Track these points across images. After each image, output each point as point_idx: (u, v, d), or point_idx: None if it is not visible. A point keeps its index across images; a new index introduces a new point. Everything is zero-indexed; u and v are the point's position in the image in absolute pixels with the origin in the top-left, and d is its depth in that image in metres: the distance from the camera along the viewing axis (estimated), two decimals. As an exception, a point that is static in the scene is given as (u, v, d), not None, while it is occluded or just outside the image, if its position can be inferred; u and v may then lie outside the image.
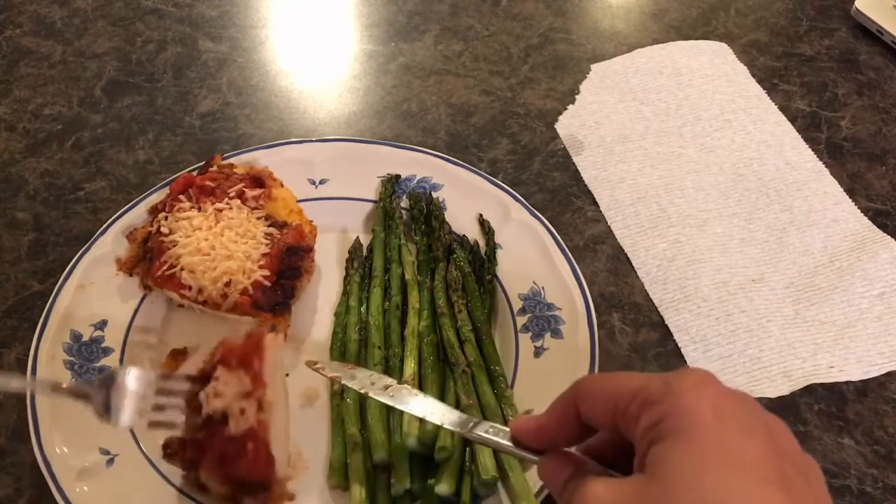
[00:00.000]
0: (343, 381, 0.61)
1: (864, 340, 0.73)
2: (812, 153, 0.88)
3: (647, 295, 0.76)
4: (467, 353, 0.67)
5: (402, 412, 0.63)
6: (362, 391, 0.59)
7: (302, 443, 0.66)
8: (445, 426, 0.55)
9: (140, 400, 0.58)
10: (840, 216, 0.82)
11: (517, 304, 0.73)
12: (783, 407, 0.69)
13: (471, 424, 0.53)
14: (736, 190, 0.85)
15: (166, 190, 0.77)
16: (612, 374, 0.45)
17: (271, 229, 0.73)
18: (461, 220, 0.79)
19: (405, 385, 0.60)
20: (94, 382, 0.58)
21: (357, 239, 0.78)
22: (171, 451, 0.63)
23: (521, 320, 0.72)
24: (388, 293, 0.73)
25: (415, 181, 0.81)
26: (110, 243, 0.74)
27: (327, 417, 0.67)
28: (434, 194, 0.80)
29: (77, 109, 0.93)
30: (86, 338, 0.70)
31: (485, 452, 0.60)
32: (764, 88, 0.95)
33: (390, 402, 0.58)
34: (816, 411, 0.69)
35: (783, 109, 0.93)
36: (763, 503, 0.37)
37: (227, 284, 0.69)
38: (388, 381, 0.60)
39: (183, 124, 0.91)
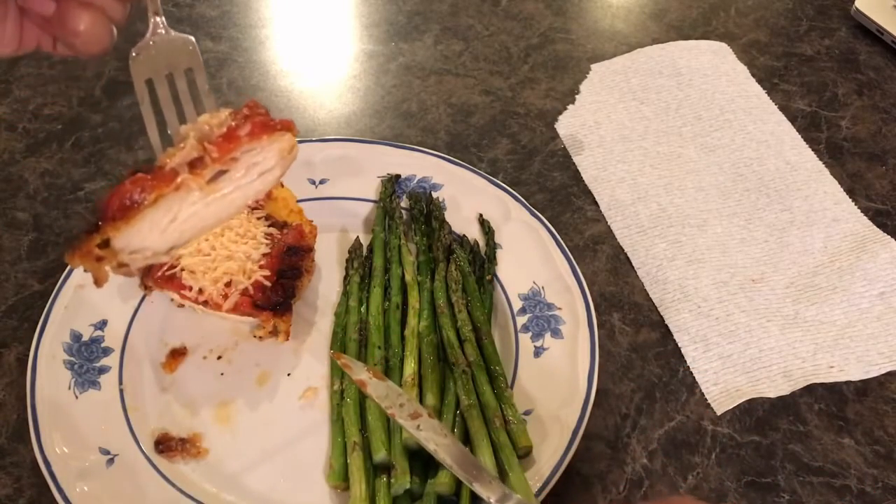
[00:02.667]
0: (369, 391, 0.61)
1: (864, 340, 0.73)
2: (812, 153, 0.88)
3: (647, 295, 0.76)
4: (467, 353, 0.67)
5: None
6: (388, 410, 0.60)
7: (302, 443, 0.66)
8: (466, 484, 0.56)
9: None
10: (840, 216, 0.82)
11: (517, 304, 0.73)
12: (783, 407, 0.69)
13: (493, 499, 0.55)
14: (736, 190, 0.85)
15: (166, 190, 0.77)
16: None
17: (271, 229, 0.73)
18: (461, 220, 0.79)
19: (435, 420, 0.60)
20: None
21: (357, 239, 0.78)
22: (164, 446, 0.64)
23: (521, 320, 0.72)
24: (388, 293, 0.73)
25: (415, 181, 0.81)
26: (110, 243, 0.74)
27: (327, 417, 0.67)
28: (434, 194, 0.80)
29: (77, 109, 0.93)
30: (86, 338, 0.70)
31: (485, 452, 0.60)
32: (764, 88, 0.95)
33: (415, 435, 0.59)
34: (816, 411, 0.69)
35: (783, 109, 0.93)
36: None
37: (228, 285, 0.69)
38: (418, 407, 0.60)
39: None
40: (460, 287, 0.72)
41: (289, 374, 0.70)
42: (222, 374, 0.70)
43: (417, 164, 0.82)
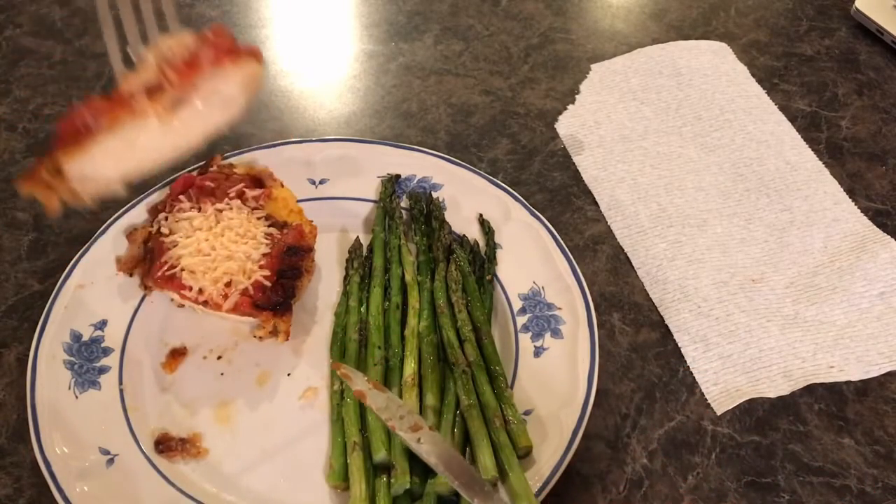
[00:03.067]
0: (369, 403, 0.61)
1: (864, 340, 0.73)
2: (812, 153, 0.88)
3: (647, 295, 0.76)
4: (467, 353, 0.67)
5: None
6: (388, 423, 0.60)
7: (302, 443, 0.66)
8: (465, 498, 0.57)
9: None
10: (840, 216, 0.82)
11: (517, 304, 0.73)
12: (783, 407, 0.69)
13: None
14: (736, 190, 0.85)
15: (166, 190, 0.77)
16: None
17: (271, 229, 0.73)
18: (461, 220, 0.79)
19: (437, 434, 0.60)
20: None
21: (357, 239, 0.78)
22: (164, 446, 0.64)
23: (521, 320, 0.72)
24: (388, 293, 0.73)
25: (415, 181, 0.81)
26: (110, 243, 0.74)
27: (327, 417, 0.67)
28: (434, 194, 0.80)
29: (77, 109, 0.93)
30: (86, 338, 0.70)
31: (485, 452, 0.60)
32: (764, 88, 0.95)
33: (415, 449, 0.59)
34: (816, 411, 0.69)
35: (783, 109, 0.93)
36: None
37: (228, 285, 0.69)
38: (418, 419, 0.60)
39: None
40: (460, 287, 0.72)
41: (289, 374, 0.70)
42: (222, 374, 0.70)
43: (417, 164, 0.82)
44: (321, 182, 0.81)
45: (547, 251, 0.75)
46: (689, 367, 0.71)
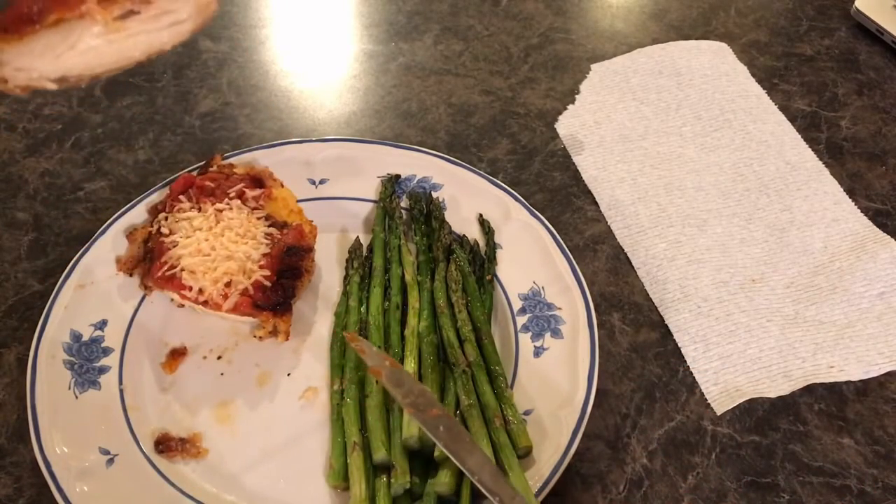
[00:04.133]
0: (385, 382, 0.61)
1: (864, 340, 0.73)
2: (812, 153, 0.88)
3: (647, 295, 0.76)
4: (467, 353, 0.67)
5: (401, 412, 0.63)
6: (409, 411, 0.59)
7: (302, 443, 0.66)
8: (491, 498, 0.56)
9: None
10: (840, 216, 0.82)
11: (517, 304, 0.73)
12: (783, 407, 0.69)
13: None
14: (736, 190, 0.85)
15: (166, 190, 0.77)
16: None
17: (271, 229, 0.73)
18: (461, 220, 0.79)
19: (459, 425, 0.59)
20: None
21: (357, 239, 0.78)
22: (164, 446, 0.64)
23: (521, 320, 0.72)
24: (388, 293, 0.73)
25: (415, 181, 0.81)
26: (110, 243, 0.74)
27: (327, 417, 0.67)
28: (434, 194, 0.80)
29: (77, 109, 0.93)
30: (86, 338, 0.70)
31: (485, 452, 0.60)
32: (764, 88, 0.95)
33: (440, 444, 0.58)
34: (816, 411, 0.69)
35: (783, 109, 0.93)
36: None
37: (228, 285, 0.69)
38: (439, 408, 0.59)
39: (183, 124, 0.91)
40: (460, 287, 0.72)
41: (289, 374, 0.70)
42: (222, 374, 0.70)
43: (417, 164, 0.82)
44: (321, 182, 0.81)
45: (547, 251, 0.75)
46: (689, 367, 0.71)
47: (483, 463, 0.57)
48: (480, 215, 0.79)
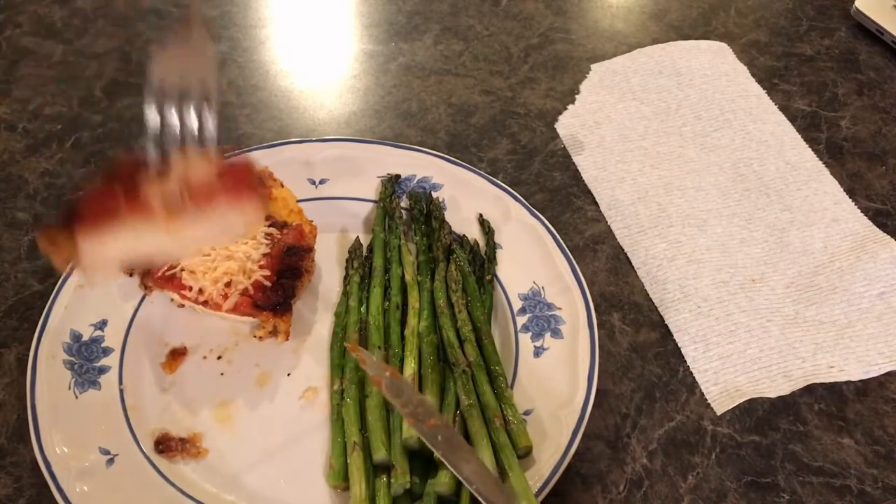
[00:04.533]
0: (384, 392, 0.61)
1: (864, 340, 0.73)
2: (812, 153, 0.88)
3: (647, 295, 0.76)
4: (467, 353, 0.67)
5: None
6: (408, 421, 0.60)
7: (302, 443, 0.66)
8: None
9: None
10: (840, 216, 0.82)
11: (517, 304, 0.73)
12: (783, 407, 0.69)
13: None
14: (736, 190, 0.85)
15: (166, 190, 0.77)
16: None
17: (271, 229, 0.73)
18: (461, 220, 0.79)
19: (457, 435, 0.60)
20: None
21: (357, 239, 0.78)
22: (164, 446, 0.64)
23: (521, 320, 0.72)
24: (388, 293, 0.73)
25: (415, 181, 0.81)
26: (110, 243, 0.74)
27: (327, 417, 0.67)
28: (434, 194, 0.80)
29: (77, 109, 0.93)
30: (86, 338, 0.70)
31: (485, 452, 0.60)
32: (764, 88, 0.95)
33: (438, 452, 0.58)
34: (816, 411, 0.69)
35: (783, 109, 0.93)
36: None
37: (228, 285, 0.69)
38: (437, 417, 0.60)
39: (183, 124, 0.91)
40: (460, 287, 0.72)
41: (289, 374, 0.70)
42: (222, 374, 0.70)
43: (417, 164, 0.82)
44: (321, 182, 0.81)
45: (547, 251, 0.75)
46: (689, 367, 0.71)
47: (480, 472, 0.57)
48: (480, 215, 0.79)
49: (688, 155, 0.88)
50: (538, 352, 0.69)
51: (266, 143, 0.84)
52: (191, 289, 0.69)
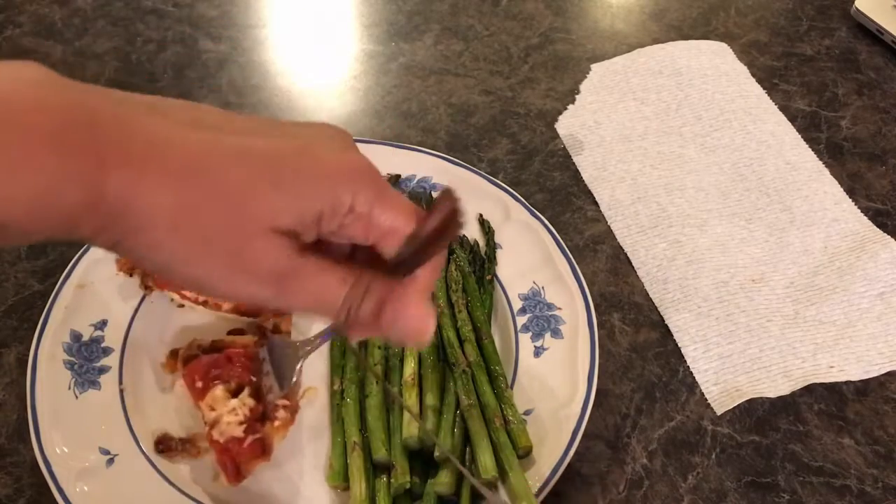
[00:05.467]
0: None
1: (865, 340, 0.73)
2: (812, 153, 0.88)
3: (647, 295, 0.76)
4: (467, 353, 0.67)
5: (401, 412, 0.63)
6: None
7: (302, 443, 0.66)
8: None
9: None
10: (840, 216, 0.82)
11: (517, 304, 0.73)
12: (783, 406, 0.69)
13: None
14: (736, 190, 0.85)
15: (166, 190, 0.77)
16: None
17: (271, 229, 0.72)
18: (461, 220, 0.79)
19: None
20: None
21: (357, 239, 0.78)
22: (164, 446, 0.64)
23: (521, 320, 0.72)
24: (388, 293, 0.73)
25: (415, 181, 0.81)
26: (110, 243, 0.74)
27: (327, 417, 0.67)
28: (434, 194, 0.80)
29: (77, 109, 0.92)
30: (86, 338, 0.70)
31: (485, 452, 0.60)
32: (764, 88, 0.95)
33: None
34: (816, 411, 0.69)
35: (783, 109, 0.93)
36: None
37: (228, 284, 0.69)
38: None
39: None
40: (460, 287, 0.72)
41: (289, 374, 0.70)
42: (222, 374, 0.70)
43: (417, 164, 0.82)
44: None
45: (547, 251, 0.75)
46: (689, 367, 0.71)
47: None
48: (480, 215, 0.79)
49: (688, 155, 0.88)
50: (538, 352, 0.69)
51: (266, 143, 0.84)
52: (191, 289, 0.69)
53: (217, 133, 0.38)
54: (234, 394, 0.62)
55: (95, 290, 0.72)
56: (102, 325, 0.71)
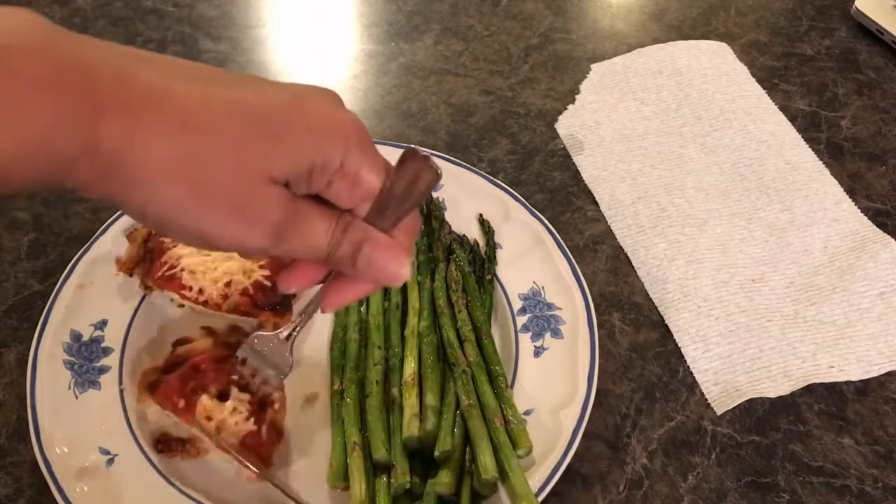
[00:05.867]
0: None
1: (865, 340, 0.73)
2: (812, 153, 0.88)
3: (647, 295, 0.76)
4: (467, 353, 0.67)
5: (401, 412, 0.63)
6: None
7: (302, 443, 0.66)
8: None
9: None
10: (840, 216, 0.82)
11: (517, 304, 0.73)
12: (783, 406, 0.69)
13: None
14: (736, 190, 0.85)
15: (166, 190, 0.77)
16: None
17: (271, 229, 0.72)
18: (461, 220, 0.79)
19: None
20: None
21: (357, 239, 0.78)
22: (164, 446, 0.64)
23: (521, 320, 0.72)
24: (388, 293, 0.73)
25: (415, 181, 0.81)
26: (110, 243, 0.74)
27: (327, 417, 0.67)
28: (434, 194, 0.80)
29: (77, 109, 0.92)
30: (86, 338, 0.70)
31: (485, 452, 0.60)
32: (764, 88, 0.95)
33: None
34: (816, 411, 0.69)
35: (783, 109, 0.93)
36: None
37: (228, 285, 0.69)
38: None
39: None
40: (460, 287, 0.72)
41: (284, 377, 0.70)
42: (222, 374, 0.70)
43: (417, 164, 0.82)
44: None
45: (547, 251, 0.75)
46: (689, 367, 0.71)
47: None
48: (480, 215, 0.79)
49: (688, 155, 0.88)
50: (538, 352, 0.69)
51: (266, 143, 0.84)
52: (191, 289, 0.69)
53: (213, 86, 0.38)
54: (220, 397, 0.63)
55: (95, 290, 0.72)
56: (102, 325, 0.71)
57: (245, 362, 0.63)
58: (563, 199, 0.84)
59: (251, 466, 0.61)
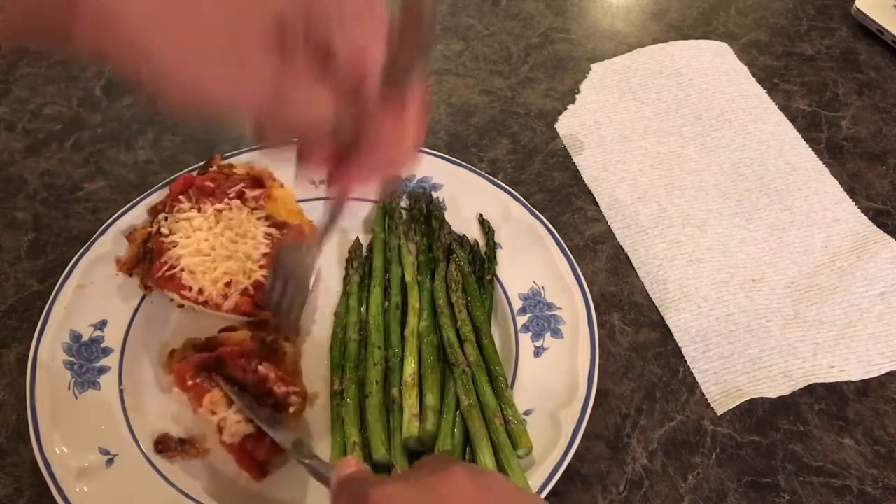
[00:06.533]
0: None
1: (865, 340, 0.73)
2: (812, 153, 0.88)
3: (647, 295, 0.76)
4: (467, 353, 0.67)
5: (401, 412, 0.63)
6: None
7: (302, 443, 0.66)
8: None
9: None
10: (840, 216, 0.82)
11: (517, 304, 0.73)
12: (783, 407, 0.69)
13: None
14: (736, 190, 0.85)
15: (166, 190, 0.77)
16: None
17: (271, 229, 0.72)
18: (461, 220, 0.79)
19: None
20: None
21: (357, 239, 0.78)
22: (164, 447, 0.64)
23: (521, 320, 0.72)
24: (387, 293, 0.73)
25: (415, 181, 0.81)
26: (110, 243, 0.74)
27: (327, 417, 0.67)
28: (434, 194, 0.80)
29: (77, 109, 0.93)
30: (86, 338, 0.70)
31: (485, 452, 0.60)
32: (764, 88, 0.95)
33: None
34: (816, 411, 0.69)
35: (783, 109, 0.93)
36: None
37: (228, 285, 0.69)
38: None
39: (183, 124, 0.91)
40: (460, 287, 0.72)
41: (288, 375, 0.70)
42: (222, 374, 0.70)
43: (417, 164, 0.82)
44: (321, 182, 0.81)
45: (547, 251, 0.75)
46: (689, 367, 0.71)
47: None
48: (480, 215, 0.79)
49: (688, 155, 0.88)
50: (538, 352, 0.69)
51: (266, 143, 0.84)
52: (191, 289, 0.69)
53: None
54: (238, 388, 0.63)
55: (95, 290, 0.72)
56: (102, 325, 0.71)
57: (274, 286, 0.65)
58: (563, 199, 0.84)
59: (244, 471, 0.61)
